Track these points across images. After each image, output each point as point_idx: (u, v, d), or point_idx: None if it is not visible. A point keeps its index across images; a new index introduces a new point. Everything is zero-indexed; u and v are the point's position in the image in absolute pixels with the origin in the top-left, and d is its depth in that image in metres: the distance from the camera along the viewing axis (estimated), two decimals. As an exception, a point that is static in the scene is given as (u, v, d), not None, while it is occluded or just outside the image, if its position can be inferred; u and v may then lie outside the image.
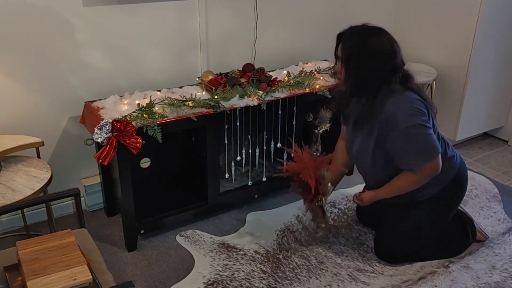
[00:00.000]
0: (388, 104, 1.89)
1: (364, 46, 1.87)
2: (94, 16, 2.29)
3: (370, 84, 1.91)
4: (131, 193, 2.18)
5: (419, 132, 1.88)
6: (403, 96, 1.90)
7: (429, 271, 2.19)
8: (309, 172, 2.09)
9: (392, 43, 1.90)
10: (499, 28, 3.06)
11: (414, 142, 1.89)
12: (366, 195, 2.14)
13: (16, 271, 1.49)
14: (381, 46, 1.87)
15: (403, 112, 1.87)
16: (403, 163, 1.96)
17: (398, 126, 1.87)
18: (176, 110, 2.19)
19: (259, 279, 2.13)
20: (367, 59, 1.87)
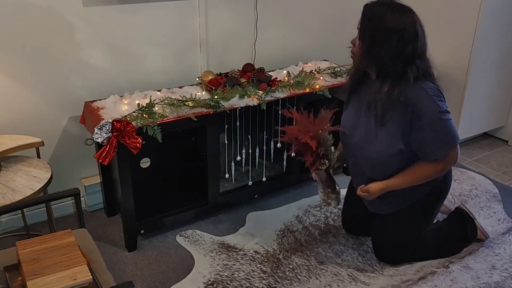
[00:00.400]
0: (413, 91, 1.78)
1: (383, 21, 1.74)
2: (94, 16, 2.29)
3: (386, 64, 1.79)
4: (131, 193, 2.18)
5: (446, 119, 1.81)
6: (426, 85, 1.80)
7: (429, 271, 2.19)
8: (308, 133, 1.95)
9: (415, 25, 1.76)
10: (499, 28, 3.06)
11: (442, 129, 1.81)
12: (374, 185, 1.97)
13: (16, 271, 1.49)
14: (401, 25, 1.73)
15: (431, 98, 1.78)
16: (430, 152, 1.84)
17: (428, 113, 1.78)
18: (176, 110, 2.19)
19: (259, 279, 2.13)
20: (383, 38, 1.75)
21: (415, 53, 1.77)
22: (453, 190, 2.85)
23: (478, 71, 3.09)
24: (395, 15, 1.74)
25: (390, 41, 1.74)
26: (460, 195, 2.81)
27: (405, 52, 1.75)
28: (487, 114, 3.36)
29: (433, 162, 1.87)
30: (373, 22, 1.77)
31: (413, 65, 1.77)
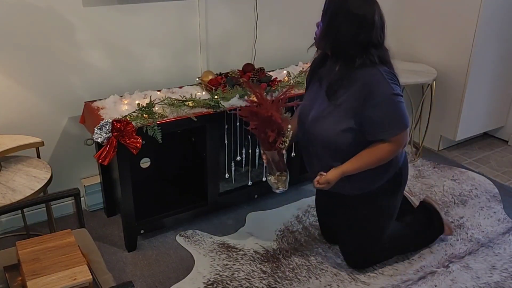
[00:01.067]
0: (367, 72, 1.83)
1: (344, 4, 1.80)
2: (94, 16, 2.29)
3: (343, 48, 1.83)
4: (131, 193, 2.18)
5: (397, 100, 1.84)
6: (382, 68, 1.84)
7: (429, 271, 2.19)
8: (270, 108, 1.94)
9: (373, 14, 1.80)
10: (499, 28, 3.06)
11: (394, 110, 1.84)
12: (331, 174, 1.93)
13: (16, 271, 1.49)
14: (361, 12, 1.78)
15: (386, 80, 1.82)
16: (380, 131, 1.86)
17: (381, 94, 1.81)
18: (176, 110, 2.19)
19: (259, 279, 2.13)
20: (342, 19, 1.80)
21: (370, 41, 1.81)
22: (453, 190, 2.85)
23: (478, 71, 3.09)
24: (357, 2, 1.79)
25: (347, 24, 1.79)
26: (460, 195, 2.81)
27: (359, 37, 1.80)
28: (487, 114, 3.36)
29: (383, 143, 1.88)
30: (334, 4, 1.83)
31: (367, 50, 1.82)
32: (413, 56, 3.36)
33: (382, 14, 1.84)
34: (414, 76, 3.00)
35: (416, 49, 3.35)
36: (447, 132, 3.30)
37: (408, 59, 3.36)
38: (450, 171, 3.09)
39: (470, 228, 2.50)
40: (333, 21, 1.82)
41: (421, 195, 2.79)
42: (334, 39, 1.84)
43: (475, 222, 2.56)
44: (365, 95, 1.82)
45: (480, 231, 2.49)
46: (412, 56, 3.36)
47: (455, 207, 2.69)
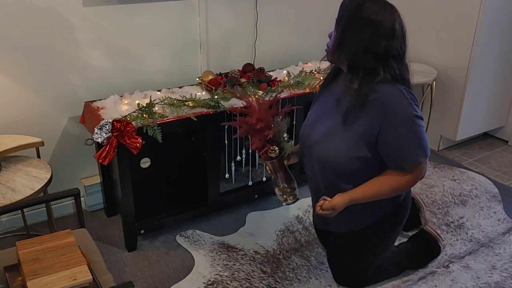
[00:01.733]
0: (386, 90, 1.63)
1: (360, 10, 1.61)
2: (94, 16, 2.29)
3: (357, 57, 1.64)
4: (131, 193, 2.18)
5: (420, 125, 1.64)
6: (401, 87, 1.65)
7: (429, 271, 2.19)
8: (257, 115, 1.80)
9: (393, 22, 1.61)
10: (499, 28, 3.06)
11: (415, 134, 1.63)
12: (337, 199, 1.73)
13: (16, 271, 1.49)
14: (378, 18, 1.59)
15: (408, 101, 1.62)
16: (400, 160, 1.67)
17: (402, 114, 1.61)
18: (176, 110, 2.18)
19: (259, 279, 2.13)
20: (358, 27, 1.61)
21: (389, 51, 1.62)
22: (453, 190, 2.85)
23: (478, 71, 3.09)
24: (374, 6, 1.61)
25: (363, 32, 1.60)
26: (460, 195, 2.81)
27: (378, 47, 1.60)
28: (487, 114, 3.36)
29: (400, 171, 1.69)
30: (349, 11, 1.64)
31: (386, 63, 1.63)
32: (413, 56, 3.33)
33: (403, 23, 1.67)
34: (414, 76, 2.96)
35: (416, 49, 3.35)
36: (447, 132, 3.30)
37: (408, 59, 3.36)
38: (450, 171, 3.09)
39: (470, 228, 2.50)
40: (348, 30, 1.63)
41: (421, 195, 2.79)
42: (349, 50, 1.64)
43: (475, 222, 2.56)
44: (383, 117, 1.62)
45: (480, 231, 2.49)
46: (412, 56, 3.33)
47: (455, 207, 2.69)
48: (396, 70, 1.64)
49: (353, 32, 1.62)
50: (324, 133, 1.78)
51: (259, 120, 1.81)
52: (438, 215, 2.61)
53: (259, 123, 1.80)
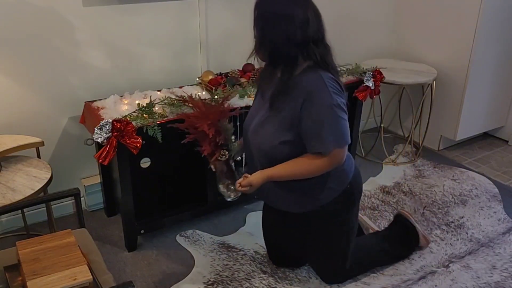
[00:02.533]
0: (308, 77, 1.70)
1: (272, 7, 1.68)
2: (94, 16, 2.29)
3: (281, 51, 1.70)
4: (131, 193, 2.18)
5: (339, 114, 1.68)
6: (324, 74, 1.70)
7: (429, 271, 2.19)
8: (206, 120, 1.86)
9: (306, 10, 1.68)
10: (499, 28, 3.06)
11: (332, 123, 1.68)
12: (255, 177, 1.79)
13: (16, 271, 1.49)
14: (290, 11, 1.66)
15: (327, 88, 1.67)
16: (315, 145, 1.72)
17: (320, 102, 1.67)
18: (176, 110, 2.18)
19: (259, 279, 2.13)
20: (273, 23, 1.67)
21: (307, 38, 1.68)
22: (453, 190, 2.85)
23: (478, 71, 3.09)
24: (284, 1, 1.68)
25: (278, 27, 1.67)
26: (460, 195, 2.81)
27: (295, 37, 1.67)
28: (487, 114, 3.36)
29: (317, 155, 1.73)
30: (261, 10, 1.71)
31: (306, 49, 1.70)
32: (413, 56, 3.36)
33: (316, 8, 1.74)
34: (414, 76, 3.00)
35: (416, 49, 3.35)
36: (447, 132, 3.30)
37: (408, 59, 3.36)
38: (450, 171, 3.09)
39: (470, 228, 2.50)
40: (264, 28, 1.70)
41: (421, 195, 2.79)
42: (270, 45, 1.71)
43: (475, 222, 2.56)
44: (304, 102, 1.69)
45: (480, 231, 2.49)
46: (412, 56, 3.36)
47: (455, 207, 2.69)
48: (317, 55, 1.71)
49: (269, 29, 1.69)
50: (257, 122, 1.85)
51: (210, 126, 1.87)
52: (438, 215, 2.61)
53: (210, 130, 1.86)
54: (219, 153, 1.92)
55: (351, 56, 3.20)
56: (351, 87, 2.76)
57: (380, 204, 2.71)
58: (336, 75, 1.75)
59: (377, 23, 3.37)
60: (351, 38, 3.28)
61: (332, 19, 3.14)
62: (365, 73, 2.74)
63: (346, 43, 3.27)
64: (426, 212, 2.64)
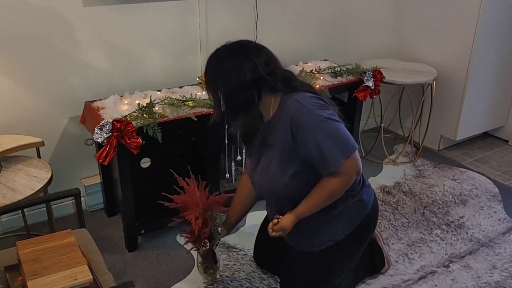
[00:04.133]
0: (286, 106, 1.65)
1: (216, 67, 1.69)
2: (94, 16, 2.29)
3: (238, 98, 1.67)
4: (131, 193, 2.18)
5: (331, 127, 1.62)
6: (299, 95, 1.66)
7: (429, 271, 2.19)
8: (196, 210, 1.84)
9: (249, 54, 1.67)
10: (499, 28, 3.06)
11: (327, 138, 1.61)
12: (286, 220, 1.74)
13: (17, 271, 1.49)
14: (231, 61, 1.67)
15: (307, 108, 1.62)
16: (323, 167, 1.65)
17: (306, 124, 1.61)
18: (176, 110, 2.18)
19: (259, 279, 2.12)
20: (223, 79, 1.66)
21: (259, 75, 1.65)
22: (453, 190, 2.85)
23: (478, 71, 3.09)
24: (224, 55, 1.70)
25: (228, 79, 1.65)
26: (460, 194, 2.81)
27: (246, 80, 1.64)
28: (487, 114, 3.36)
29: (331, 175, 1.65)
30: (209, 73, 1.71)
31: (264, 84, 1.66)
32: (413, 56, 3.36)
33: (255, 46, 1.74)
34: (414, 75, 3.00)
35: (416, 49, 3.35)
36: (447, 132, 3.30)
37: (408, 59, 3.36)
38: (450, 170, 3.09)
39: (470, 228, 2.50)
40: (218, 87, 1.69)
41: (421, 195, 2.79)
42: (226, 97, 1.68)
43: (476, 222, 2.56)
44: (291, 132, 1.64)
45: (481, 230, 2.49)
46: (412, 56, 3.36)
47: (455, 207, 2.69)
48: (279, 84, 1.67)
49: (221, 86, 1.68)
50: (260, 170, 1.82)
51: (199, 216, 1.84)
52: (438, 215, 2.61)
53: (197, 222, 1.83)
54: (200, 243, 1.90)
55: (351, 56, 3.21)
56: (351, 87, 2.76)
57: (380, 204, 2.70)
58: (310, 89, 1.72)
59: (378, 23, 3.38)
60: (351, 38, 3.28)
61: (333, 19, 3.15)
62: (365, 73, 2.74)
63: (346, 43, 3.27)
64: (426, 212, 2.64)
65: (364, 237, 1.89)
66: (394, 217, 2.60)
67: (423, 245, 2.37)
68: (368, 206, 1.84)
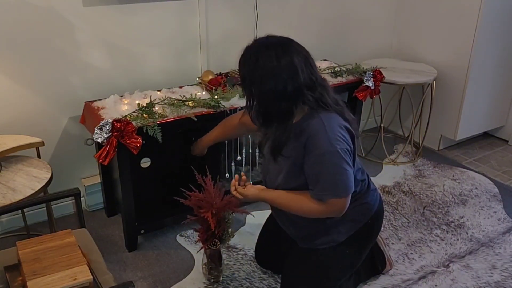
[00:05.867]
0: (310, 122, 1.62)
1: (256, 65, 1.57)
2: (94, 16, 2.29)
3: (273, 111, 1.62)
4: (131, 193, 2.18)
5: (337, 162, 1.59)
6: (329, 116, 1.62)
7: (429, 271, 2.19)
8: (212, 209, 1.86)
9: (292, 59, 1.56)
10: (499, 28, 3.06)
11: (330, 172, 1.61)
12: (252, 191, 1.80)
13: (17, 271, 1.49)
14: (275, 65, 1.55)
15: (327, 134, 1.59)
16: (312, 190, 1.66)
17: (317, 149, 1.60)
18: (176, 110, 2.18)
19: (259, 279, 2.13)
20: (260, 82, 1.58)
21: (299, 87, 1.58)
22: (453, 190, 2.85)
23: (478, 71, 3.09)
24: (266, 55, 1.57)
25: (266, 85, 1.57)
26: (460, 194, 2.81)
27: (286, 91, 1.56)
28: (487, 114, 3.36)
29: (314, 199, 1.67)
30: (246, 70, 1.62)
31: (300, 98, 1.60)
32: (413, 56, 3.36)
33: (301, 49, 1.63)
34: (414, 75, 3.00)
35: (416, 49, 3.35)
36: (447, 132, 3.30)
37: (408, 59, 3.36)
38: (450, 170, 3.09)
39: (470, 228, 2.51)
40: (253, 89, 1.62)
41: (421, 195, 2.79)
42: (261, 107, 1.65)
43: (475, 222, 2.56)
44: (304, 148, 1.63)
45: (481, 230, 2.49)
46: (412, 55, 3.36)
47: (455, 207, 2.69)
48: (314, 100, 1.62)
49: (257, 90, 1.61)
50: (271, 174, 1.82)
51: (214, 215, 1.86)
52: (438, 215, 2.61)
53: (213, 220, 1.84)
54: (211, 242, 1.95)
55: (351, 56, 3.21)
56: (351, 87, 2.76)
57: (380, 204, 2.71)
58: (342, 113, 1.67)
59: (378, 23, 3.37)
60: (351, 38, 3.28)
61: (333, 19, 3.15)
62: (365, 73, 2.74)
63: (346, 43, 3.27)
64: (426, 212, 2.64)
65: (367, 239, 1.90)
66: (394, 217, 2.60)
67: (423, 245, 2.37)
68: (372, 209, 1.85)
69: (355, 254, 1.88)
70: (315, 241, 1.85)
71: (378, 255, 2.14)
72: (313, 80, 1.62)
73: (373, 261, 2.13)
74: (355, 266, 1.93)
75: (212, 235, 1.92)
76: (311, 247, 1.86)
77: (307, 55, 1.63)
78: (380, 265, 2.15)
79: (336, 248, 1.83)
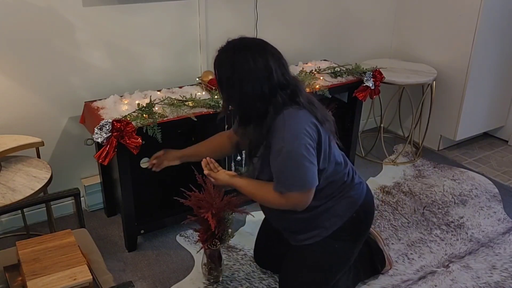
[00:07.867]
0: (275, 121, 1.63)
1: (233, 68, 1.61)
2: (94, 16, 2.29)
3: (251, 111, 1.65)
4: (131, 193, 2.18)
5: (295, 158, 1.61)
6: (294, 113, 1.63)
7: (429, 271, 2.19)
8: (212, 209, 1.87)
9: (267, 60, 1.60)
10: (499, 28, 3.06)
11: (287, 167, 1.62)
12: (223, 176, 1.81)
13: (16, 271, 1.49)
14: (251, 66, 1.58)
15: (286, 130, 1.60)
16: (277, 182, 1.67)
17: (277, 144, 1.62)
18: (176, 110, 2.19)
19: (259, 280, 2.13)
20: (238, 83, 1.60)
21: (274, 87, 1.61)
22: (453, 190, 2.85)
23: (478, 71, 3.09)
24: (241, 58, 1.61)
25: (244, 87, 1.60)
26: (460, 195, 2.81)
27: (262, 92, 1.60)
28: (487, 114, 3.36)
29: (276, 191, 1.68)
30: (222, 71, 1.65)
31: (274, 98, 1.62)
32: (413, 56, 3.36)
33: (274, 51, 1.65)
34: (414, 76, 3.00)
35: (416, 49, 3.35)
36: (447, 132, 3.30)
37: (408, 59, 3.36)
38: (450, 171, 3.09)
39: (470, 228, 2.51)
40: (229, 90, 1.65)
41: (421, 195, 2.80)
42: (238, 108, 1.69)
43: (475, 222, 2.56)
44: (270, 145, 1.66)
45: (480, 231, 2.49)
46: (412, 56, 3.36)
47: (455, 207, 2.69)
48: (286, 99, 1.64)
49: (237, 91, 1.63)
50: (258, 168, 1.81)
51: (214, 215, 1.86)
52: (438, 215, 2.61)
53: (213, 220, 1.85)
54: (211, 243, 1.95)
55: (351, 56, 3.21)
56: (351, 87, 2.76)
57: (380, 204, 2.71)
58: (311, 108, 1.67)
59: (377, 23, 3.38)
60: (351, 38, 3.28)
61: (333, 19, 3.15)
62: (365, 73, 2.74)
63: (346, 43, 3.27)
64: (426, 212, 2.64)
65: (357, 233, 1.88)
66: (394, 217, 2.60)
67: (423, 245, 2.37)
68: (357, 203, 1.83)
69: (346, 248, 1.86)
70: (298, 236, 1.85)
71: (377, 254, 2.14)
72: (287, 80, 1.65)
73: (372, 261, 2.13)
74: (349, 260, 1.91)
75: (212, 235, 1.93)
76: (298, 243, 1.87)
77: (280, 56, 1.66)
78: (379, 264, 2.15)
79: (323, 243, 1.82)
